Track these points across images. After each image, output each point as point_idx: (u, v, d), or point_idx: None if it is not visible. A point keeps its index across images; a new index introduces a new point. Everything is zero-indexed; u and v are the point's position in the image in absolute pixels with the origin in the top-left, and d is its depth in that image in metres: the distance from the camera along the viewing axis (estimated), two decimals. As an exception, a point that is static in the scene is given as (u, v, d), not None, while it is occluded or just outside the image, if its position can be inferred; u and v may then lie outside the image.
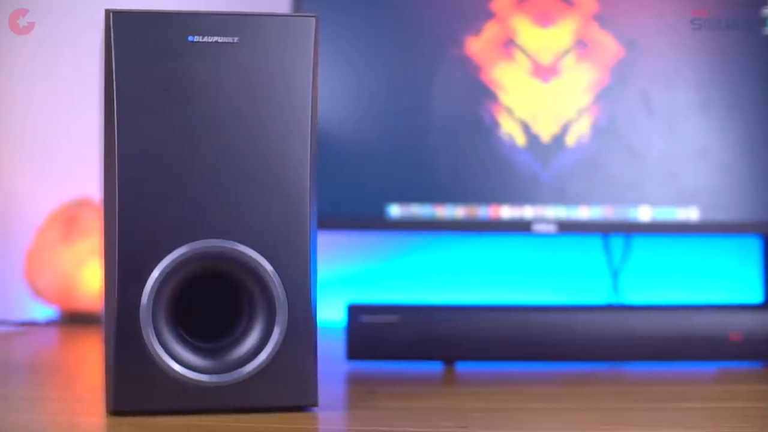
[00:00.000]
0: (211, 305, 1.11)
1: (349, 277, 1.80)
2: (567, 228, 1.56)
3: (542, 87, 1.56)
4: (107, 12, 1.06)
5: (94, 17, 1.77)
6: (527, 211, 1.56)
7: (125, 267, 1.06)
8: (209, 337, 1.10)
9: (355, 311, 1.38)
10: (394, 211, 1.56)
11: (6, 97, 1.89)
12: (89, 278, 1.74)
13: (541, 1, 1.56)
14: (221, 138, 1.07)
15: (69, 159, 1.86)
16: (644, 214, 1.56)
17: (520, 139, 1.56)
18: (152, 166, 1.06)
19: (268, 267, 1.08)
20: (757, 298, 1.72)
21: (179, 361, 1.07)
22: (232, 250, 1.07)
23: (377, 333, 1.37)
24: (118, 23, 1.05)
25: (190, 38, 1.07)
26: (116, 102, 1.05)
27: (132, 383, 1.06)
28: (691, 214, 1.55)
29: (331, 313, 1.57)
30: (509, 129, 1.56)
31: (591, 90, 1.56)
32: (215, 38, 1.07)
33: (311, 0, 1.55)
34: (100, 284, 1.17)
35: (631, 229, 1.57)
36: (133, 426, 1.03)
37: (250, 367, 1.08)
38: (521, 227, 1.56)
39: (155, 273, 1.06)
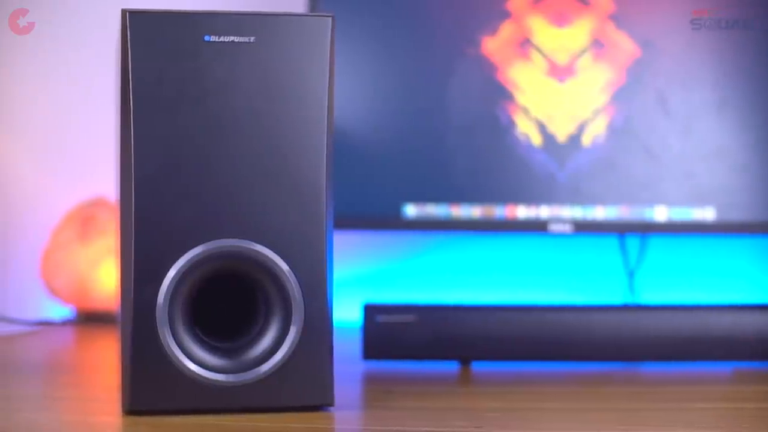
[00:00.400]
0: (228, 305, 1.11)
1: (365, 276, 1.80)
2: (583, 228, 1.56)
3: (558, 87, 1.56)
4: (124, 12, 1.06)
5: (95, 16, 1.78)
6: (543, 211, 1.56)
7: (141, 267, 1.06)
8: (225, 337, 1.10)
9: (371, 311, 1.38)
10: (410, 210, 1.56)
11: (7, 98, 1.89)
12: (105, 278, 1.75)
13: (557, 1, 1.56)
14: (237, 138, 1.07)
15: (82, 159, 1.86)
16: (660, 214, 1.55)
17: (536, 139, 1.56)
18: (168, 165, 1.06)
19: (285, 267, 1.08)
20: (773, 298, 1.71)
21: (195, 360, 1.07)
22: (249, 250, 1.07)
23: (393, 333, 1.37)
24: (135, 23, 1.05)
25: (206, 38, 1.07)
26: (132, 102, 1.05)
27: (148, 383, 1.06)
28: (707, 214, 1.55)
29: (347, 312, 1.57)
30: (525, 129, 1.56)
31: (607, 90, 1.55)
32: (231, 38, 1.07)
33: (327, 0, 1.55)
34: (116, 284, 1.17)
35: (647, 229, 1.57)
36: (149, 425, 1.03)
37: (267, 366, 1.08)
38: (537, 227, 1.56)
39: (171, 273, 1.06)
